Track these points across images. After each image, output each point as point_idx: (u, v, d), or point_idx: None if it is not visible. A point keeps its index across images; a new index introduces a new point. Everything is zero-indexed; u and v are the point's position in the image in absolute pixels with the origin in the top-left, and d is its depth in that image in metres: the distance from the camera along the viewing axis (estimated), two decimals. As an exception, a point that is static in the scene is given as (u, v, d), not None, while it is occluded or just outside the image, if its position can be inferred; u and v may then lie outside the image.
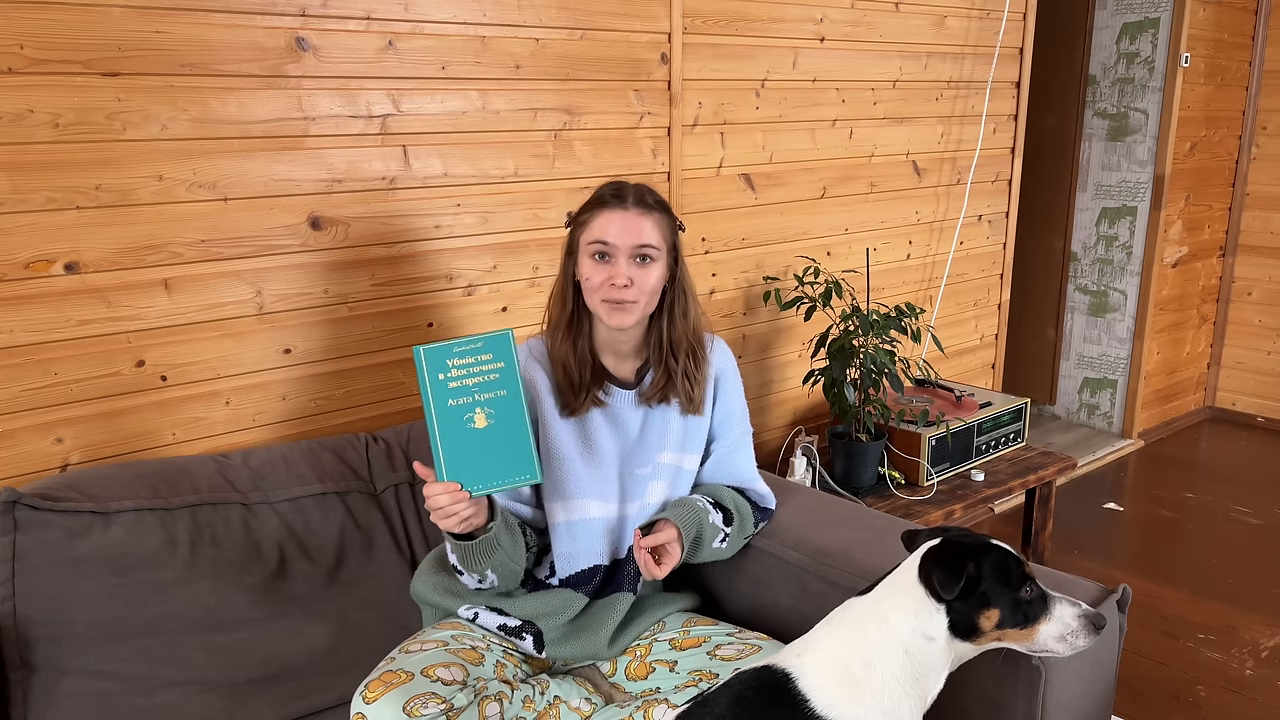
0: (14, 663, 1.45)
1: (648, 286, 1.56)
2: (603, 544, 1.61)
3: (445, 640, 1.49)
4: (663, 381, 1.65)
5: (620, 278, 1.53)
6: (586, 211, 1.59)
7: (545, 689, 1.50)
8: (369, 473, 1.84)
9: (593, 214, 1.57)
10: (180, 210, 1.75)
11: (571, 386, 1.60)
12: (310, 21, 1.83)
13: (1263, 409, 4.56)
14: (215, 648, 1.57)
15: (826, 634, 1.29)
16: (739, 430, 1.76)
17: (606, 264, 1.55)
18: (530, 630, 1.57)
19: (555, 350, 1.62)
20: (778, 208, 2.73)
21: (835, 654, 1.25)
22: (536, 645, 1.57)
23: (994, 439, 2.85)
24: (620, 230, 1.54)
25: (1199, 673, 2.55)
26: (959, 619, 1.22)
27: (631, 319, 1.57)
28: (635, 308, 1.56)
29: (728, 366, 1.76)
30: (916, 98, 3.02)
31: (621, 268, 1.53)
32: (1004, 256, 3.51)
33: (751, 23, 2.54)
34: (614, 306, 1.55)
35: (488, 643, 1.53)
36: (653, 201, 1.59)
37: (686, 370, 1.65)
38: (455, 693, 1.35)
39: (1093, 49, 4.15)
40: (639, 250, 1.54)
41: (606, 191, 1.59)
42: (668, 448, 1.67)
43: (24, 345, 1.64)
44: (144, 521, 1.56)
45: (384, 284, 2.02)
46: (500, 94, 2.11)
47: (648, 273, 1.56)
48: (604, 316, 1.57)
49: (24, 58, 1.56)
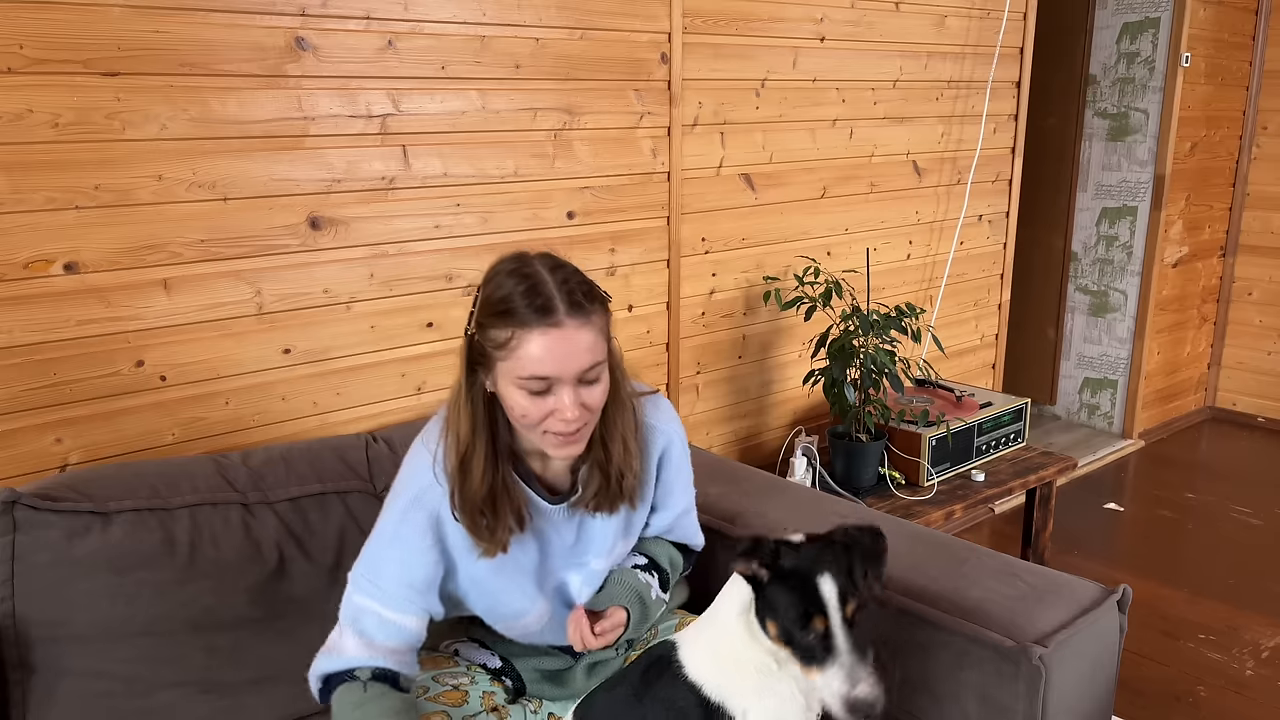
0: (13, 663, 1.45)
1: (598, 404, 1.29)
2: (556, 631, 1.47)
3: (426, 686, 1.42)
4: (601, 489, 1.38)
5: (568, 410, 1.23)
6: (503, 329, 1.22)
7: (538, 708, 1.49)
8: (369, 473, 1.84)
9: (516, 338, 1.21)
10: (180, 210, 1.75)
11: (487, 528, 1.31)
12: (310, 21, 1.83)
13: (1263, 409, 4.56)
14: (215, 648, 1.56)
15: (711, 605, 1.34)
16: (685, 501, 1.56)
17: (546, 398, 1.24)
18: (510, 674, 1.52)
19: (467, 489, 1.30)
20: (778, 208, 2.73)
21: (699, 622, 1.33)
22: (518, 689, 1.51)
23: (994, 439, 2.85)
24: (562, 357, 1.21)
25: (1199, 673, 2.55)
26: (759, 608, 1.21)
27: (582, 446, 1.31)
28: (586, 430, 1.29)
29: (675, 437, 1.49)
30: (917, 98, 3.02)
31: (568, 399, 1.23)
32: (1004, 256, 3.51)
33: (751, 23, 2.54)
34: (561, 441, 1.27)
35: (471, 675, 1.48)
36: (582, 295, 1.24)
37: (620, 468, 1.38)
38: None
39: (1093, 49, 4.15)
40: (588, 374, 1.25)
41: (523, 302, 1.21)
42: (601, 554, 1.46)
43: (24, 345, 1.64)
44: (143, 522, 1.56)
45: (384, 284, 2.02)
46: (500, 94, 2.11)
47: (596, 390, 1.28)
48: (550, 450, 1.30)
49: (24, 58, 1.56)
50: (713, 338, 2.67)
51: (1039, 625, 1.48)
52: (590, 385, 1.27)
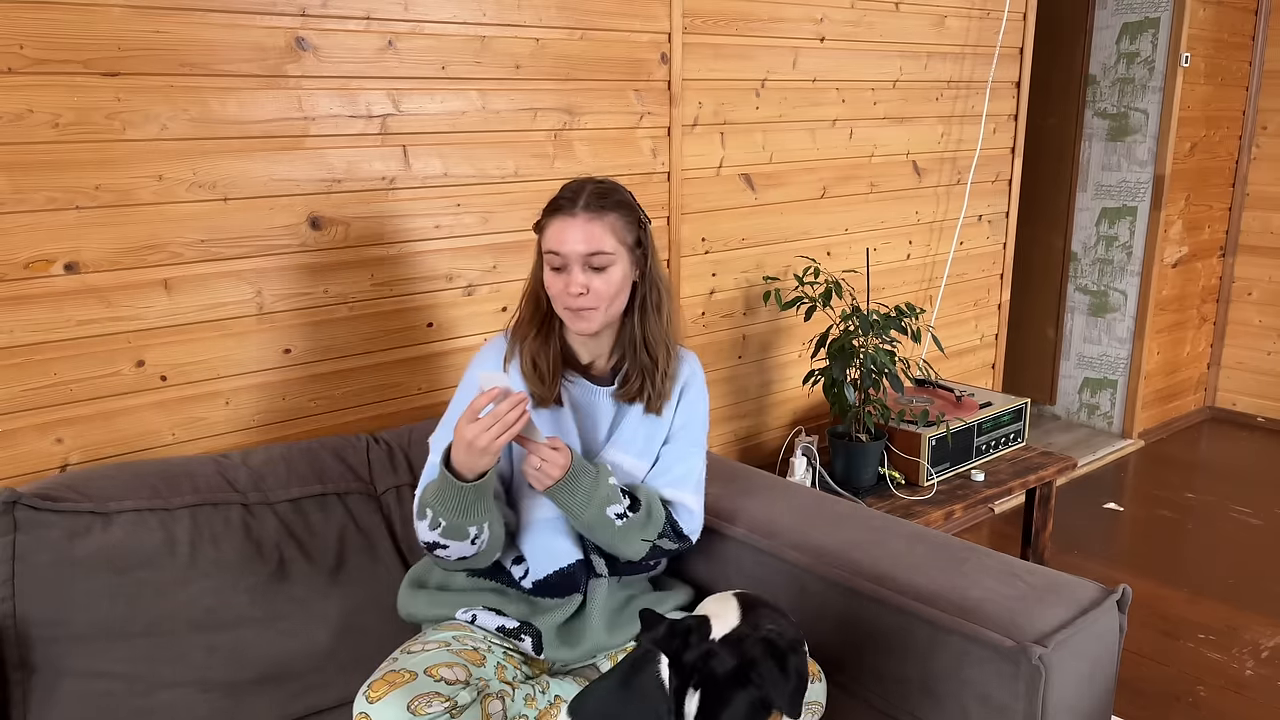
0: (14, 663, 1.45)
1: (606, 292, 1.53)
2: (572, 534, 1.60)
3: (447, 641, 1.48)
4: (639, 378, 1.62)
5: (575, 286, 1.51)
6: (545, 216, 1.56)
7: (546, 689, 1.51)
8: (369, 474, 1.84)
9: (548, 220, 1.54)
10: (180, 210, 1.75)
11: (540, 379, 1.58)
12: (310, 21, 1.83)
13: (1263, 409, 4.56)
14: (215, 648, 1.57)
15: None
16: (691, 441, 1.69)
17: (562, 274, 1.52)
18: (529, 631, 1.57)
19: (524, 345, 1.60)
20: (778, 208, 2.73)
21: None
22: (535, 647, 1.56)
23: (994, 439, 2.85)
24: (570, 239, 1.50)
25: (1199, 673, 2.55)
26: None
27: (593, 325, 1.55)
28: (595, 314, 1.54)
29: (696, 376, 1.72)
30: (916, 98, 3.02)
31: (576, 276, 1.51)
32: (1004, 256, 3.51)
33: (751, 23, 2.54)
34: (574, 314, 1.54)
35: (488, 644, 1.53)
36: (608, 203, 1.54)
37: (664, 369, 1.63)
38: (459, 691, 1.35)
39: (1093, 49, 4.15)
40: (591, 259, 1.51)
41: (560, 196, 1.55)
42: (631, 451, 1.64)
43: (24, 345, 1.64)
44: (144, 522, 1.56)
45: (384, 284, 2.02)
46: (500, 94, 2.11)
47: (604, 278, 1.52)
48: (568, 322, 1.57)
49: (24, 58, 1.56)
50: (713, 338, 2.67)
51: (1039, 625, 1.48)
52: (598, 272, 1.52)
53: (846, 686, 1.66)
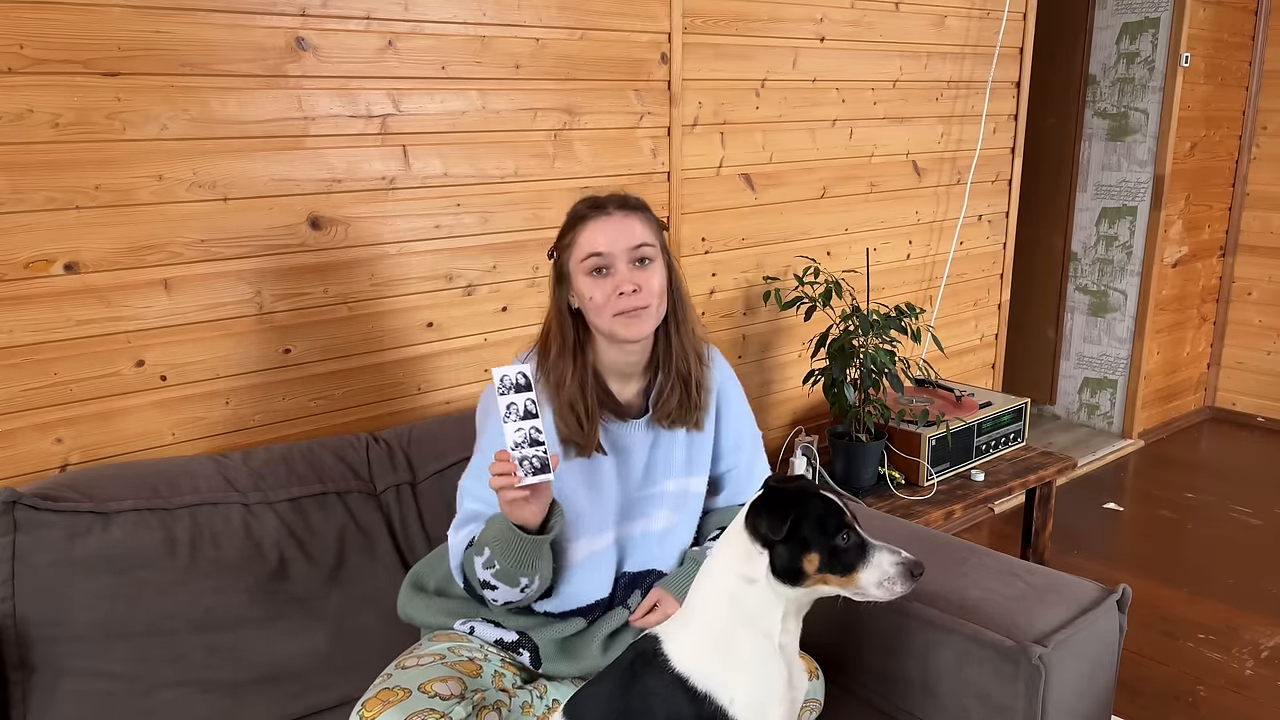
0: (14, 663, 1.45)
1: (656, 287, 1.47)
2: (605, 576, 1.55)
3: (442, 654, 1.47)
4: (676, 397, 1.56)
5: (626, 284, 1.44)
6: (568, 233, 1.50)
7: (544, 693, 1.50)
8: (369, 473, 1.84)
9: (576, 232, 1.48)
10: (180, 210, 1.75)
11: (579, 424, 1.49)
12: (310, 21, 1.83)
13: (1263, 409, 4.56)
14: (215, 648, 1.57)
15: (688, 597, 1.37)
16: (750, 446, 1.68)
17: (607, 277, 1.45)
18: (527, 645, 1.55)
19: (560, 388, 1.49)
20: (777, 208, 2.73)
21: (682, 613, 1.36)
22: (534, 661, 1.54)
23: (994, 439, 2.85)
24: (612, 236, 1.45)
25: (1199, 673, 2.55)
26: (781, 562, 1.27)
27: (649, 325, 1.48)
28: (649, 313, 1.47)
29: (729, 379, 1.67)
30: (916, 98, 3.02)
31: (624, 274, 1.45)
32: (1004, 256, 3.51)
33: (751, 23, 2.54)
34: (629, 317, 1.45)
35: (485, 653, 1.52)
36: (635, 202, 1.51)
37: (698, 380, 1.57)
38: (453, 706, 1.34)
39: (1093, 49, 4.15)
40: (637, 252, 1.46)
41: (582, 207, 1.50)
42: (673, 474, 1.59)
43: (24, 345, 1.64)
44: (144, 522, 1.56)
45: (384, 284, 2.02)
46: (500, 94, 2.11)
47: (651, 274, 1.47)
48: (620, 331, 1.46)
49: (24, 58, 1.56)
50: (713, 338, 2.67)
51: (1039, 625, 1.48)
52: (644, 267, 1.47)
53: (846, 686, 1.66)
